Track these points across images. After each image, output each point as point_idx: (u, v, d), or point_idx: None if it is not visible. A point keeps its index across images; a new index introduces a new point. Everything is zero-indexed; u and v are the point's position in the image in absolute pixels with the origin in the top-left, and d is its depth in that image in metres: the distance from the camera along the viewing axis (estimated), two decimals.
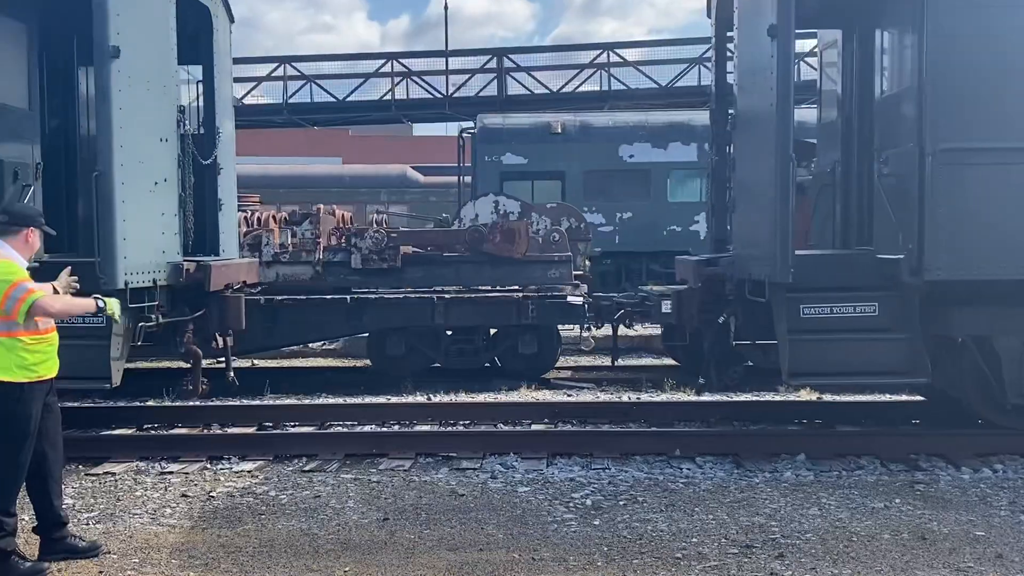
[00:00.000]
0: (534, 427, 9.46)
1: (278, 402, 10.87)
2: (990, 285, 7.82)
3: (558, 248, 13.42)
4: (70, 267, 6.18)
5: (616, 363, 11.13)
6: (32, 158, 8.77)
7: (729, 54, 10.38)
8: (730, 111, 10.03)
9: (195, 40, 9.57)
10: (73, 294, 6.22)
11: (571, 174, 20.32)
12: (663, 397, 10.94)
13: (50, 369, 5.77)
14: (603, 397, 11.19)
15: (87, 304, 5.77)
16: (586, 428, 9.27)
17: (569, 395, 11.38)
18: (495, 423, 9.65)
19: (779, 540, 6.15)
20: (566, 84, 25.44)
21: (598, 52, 25.55)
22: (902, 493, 7.21)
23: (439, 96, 25.99)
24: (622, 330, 12.01)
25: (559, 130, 20.51)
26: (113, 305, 5.72)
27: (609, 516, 6.68)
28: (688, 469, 7.92)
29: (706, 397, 10.37)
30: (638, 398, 10.90)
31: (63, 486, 6.06)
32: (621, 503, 6.98)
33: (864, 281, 8.16)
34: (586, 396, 11.32)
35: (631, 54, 26.17)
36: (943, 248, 7.64)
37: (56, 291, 6.06)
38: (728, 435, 8.60)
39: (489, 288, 13.12)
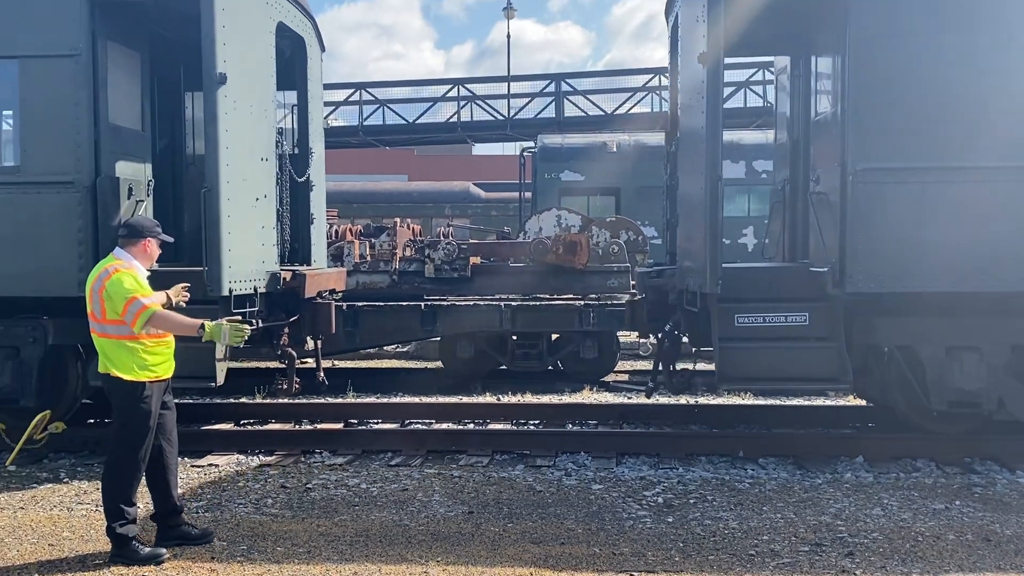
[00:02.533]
0: (601, 428, 9.34)
1: (361, 400, 10.87)
2: (911, 297, 7.71)
3: (617, 259, 13.28)
4: (187, 284, 6.19)
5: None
6: (144, 176, 8.84)
7: None
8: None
9: (290, 67, 9.62)
10: (186, 303, 6.27)
11: (626, 190, 20.14)
12: (721, 400, 10.75)
13: (167, 370, 5.80)
14: (662, 400, 11.01)
15: (191, 326, 5.68)
16: (651, 429, 9.12)
17: (629, 397, 11.23)
18: (564, 423, 9.55)
19: (847, 539, 5.96)
20: (620, 106, 25.26)
21: (649, 76, 25.32)
22: (961, 495, 6.97)
23: (501, 118, 25.99)
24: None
25: (614, 149, 20.34)
26: (213, 332, 5.65)
27: (681, 514, 6.54)
28: (752, 469, 7.75)
29: (763, 401, 10.16)
30: (696, 401, 10.72)
31: (178, 477, 6.06)
32: (691, 501, 6.84)
33: (796, 292, 8.07)
34: (646, 399, 11.13)
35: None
36: (863, 262, 7.54)
37: (168, 298, 6.10)
38: (788, 437, 8.40)
39: (552, 296, 13.04)
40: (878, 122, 7.51)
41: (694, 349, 9.10)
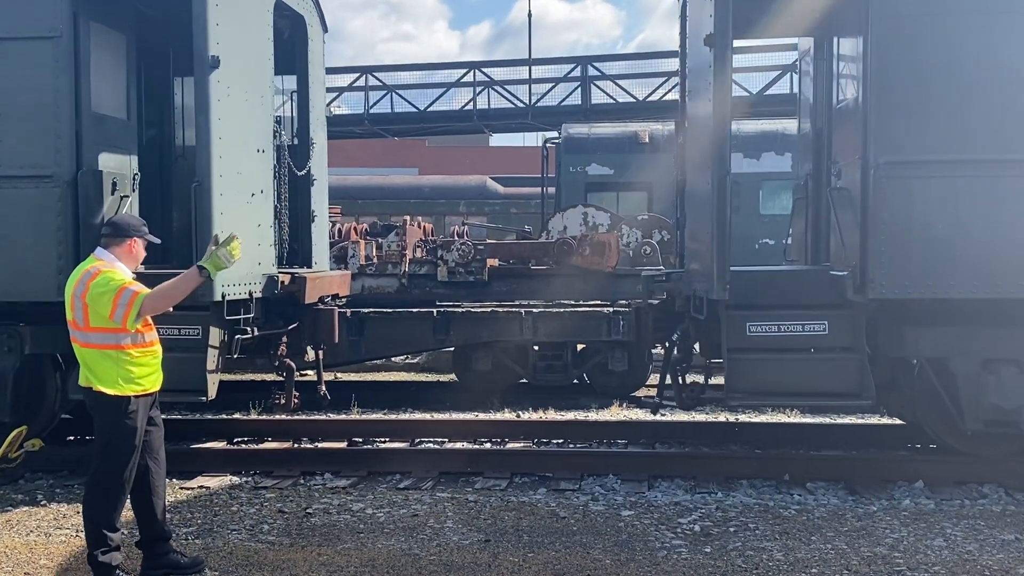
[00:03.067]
0: (631, 448, 9.34)
1: (367, 417, 10.91)
2: (942, 304, 7.65)
3: (649, 261, 13.28)
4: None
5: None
6: (130, 169, 8.94)
7: None
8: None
9: (290, 49, 9.69)
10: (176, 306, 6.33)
11: (659, 185, 20.06)
12: (764, 418, 10.71)
13: (155, 382, 5.85)
14: (699, 417, 11.00)
15: (191, 277, 5.68)
16: (687, 450, 9.11)
17: (663, 414, 11.20)
18: (590, 443, 9.55)
19: (905, 572, 5.93)
20: (652, 92, 25.22)
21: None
22: None
23: (521, 105, 26.00)
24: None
25: (646, 140, 20.33)
26: (215, 264, 5.61)
27: (720, 543, 6.53)
28: (799, 495, 7.73)
29: (810, 419, 10.12)
30: (736, 419, 10.69)
31: (166, 501, 6.11)
32: (731, 530, 6.83)
33: (815, 299, 8.04)
34: (681, 415, 11.13)
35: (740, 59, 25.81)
36: (886, 265, 7.48)
37: None
38: (839, 460, 8.36)
39: (578, 303, 13.03)
40: (905, 110, 7.47)
41: (707, 361, 9.09)
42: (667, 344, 9.21)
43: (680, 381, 8.98)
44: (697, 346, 9.14)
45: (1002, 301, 7.51)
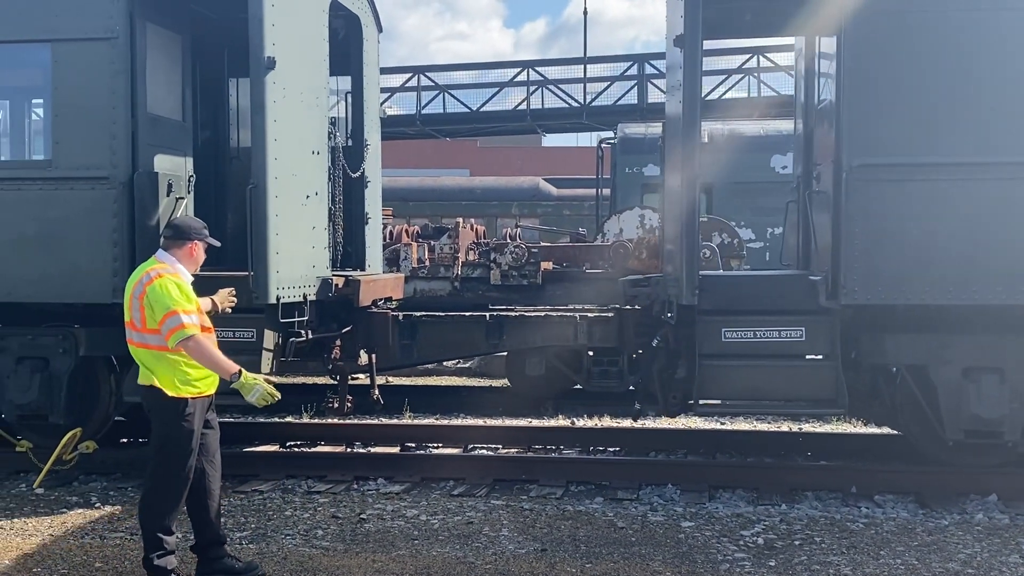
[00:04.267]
0: (690, 457, 9.28)
1: (419, 422, 10.98)
2: (921, 310, 7.61)
3: (709, 265, 13.14)
4: (233, 289, 6.35)
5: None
6: (185, 171, 9.08)
7: None
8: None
9: (344, 50, 9.78)
10: (231, 309, 6.44)
11: (719, 186, 19.92)
12: (828, 428, 10.58)
13: (211, 385, 5.93)
14: (760, 426, 10.89)
15: (226, 370, 5.74)
16: (749, 460, 9.03)
17: (723, 423, 11.13)
18: (647, 451, 9.51)
19: None
20: (712, 90, 25.01)
21: (747, 56, 25.01)
22: None
23: (576, 105, 25.96)
24: None
25: (706, 139, 20.15)
26: (245, 386, 5.69)
27: (785, 557, 6.46)
28: (867, 508, 7.63)
29: (877, 430, 9.97)
30: (800, 428, 10.57)
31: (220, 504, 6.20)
32: (796, 543, 6.75)
33: (793, 304, 8.01)
34: (742, 424, 11.05)
35: (782, 58, 25.57)
36: (859, 270, 7.48)
37: (214, 304, 6.27)
38: (909, 472, 8.23)
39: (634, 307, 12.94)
40: (879, 112, 7.46)
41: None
42: (647, 350, 9.16)
43: (664, 387, 8.93)
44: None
45: (986, 308, 7.48)
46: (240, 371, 5.72)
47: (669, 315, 8.31)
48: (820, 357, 7.85)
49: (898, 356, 7.88)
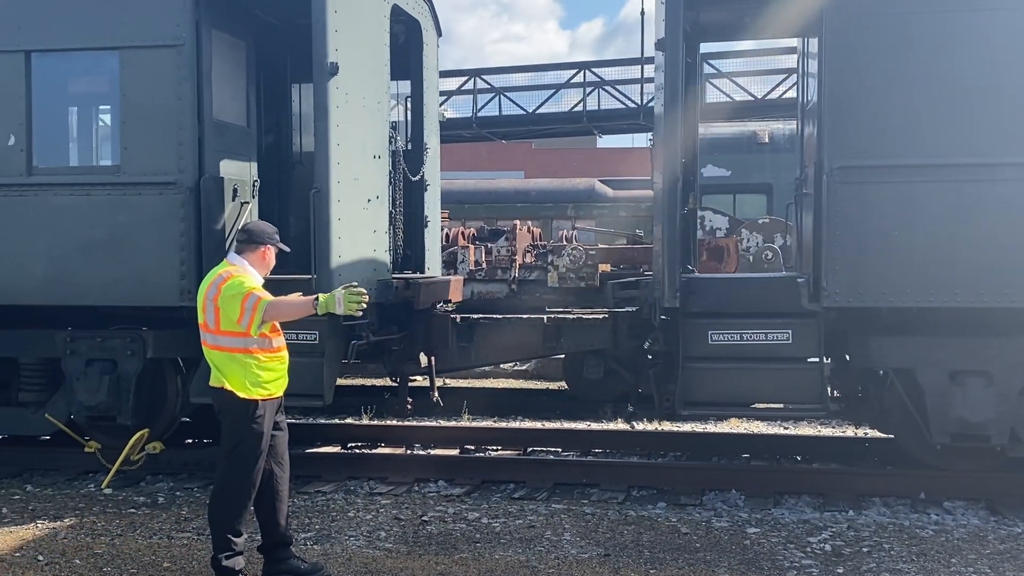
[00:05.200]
0: (754, 462, 9.21)
1: (478, 424, 11.03)
2: (907, 313, 7.68)
3: (771, 267, 13.08)
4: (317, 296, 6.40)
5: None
6: (250, 176, 9.22)
7: None
8: None
9: (404, 54, 9.87)
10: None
11: (779, 187, 19.74)
12: None
13: (280, 387, 6.04)
14: (824, 431, 10.78)
15: (306, 305, 5.85)
16: (814, 466, 8.94)
17: (787, 427, 11.03)
18: (710, 456, 9.46)
19: None
20: (772, 90, 24.78)
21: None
22: None
23: (632, 106, 25.88)
24: None
25: (766, 140, 20.02)
26: (328, 303, 5.75)
27: (853, 564, 6.40)
28: (936, 515, 7.52)
29: None
30: (865, 433, 10.44)
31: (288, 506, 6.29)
32: (864, 550, 6.68)
33: (780, 307, 7.99)
34: (805, 428, 10.94)
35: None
36: (840, 273, 7.53)
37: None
38: (980, 478, 8.09)
39: None
40: (860, 113, 7.46)
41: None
42: (640, 353, 9.22)
43: (659, 389, 8.91)
44: None
45: (965, 311, 7.45)
46: (317, 297, 5.83)
47: (663, 317, 8.38)
48: (806, 360, 7.88)
49: (884, 359, 7.89)
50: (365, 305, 5.89)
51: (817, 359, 7.82)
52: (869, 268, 7.49)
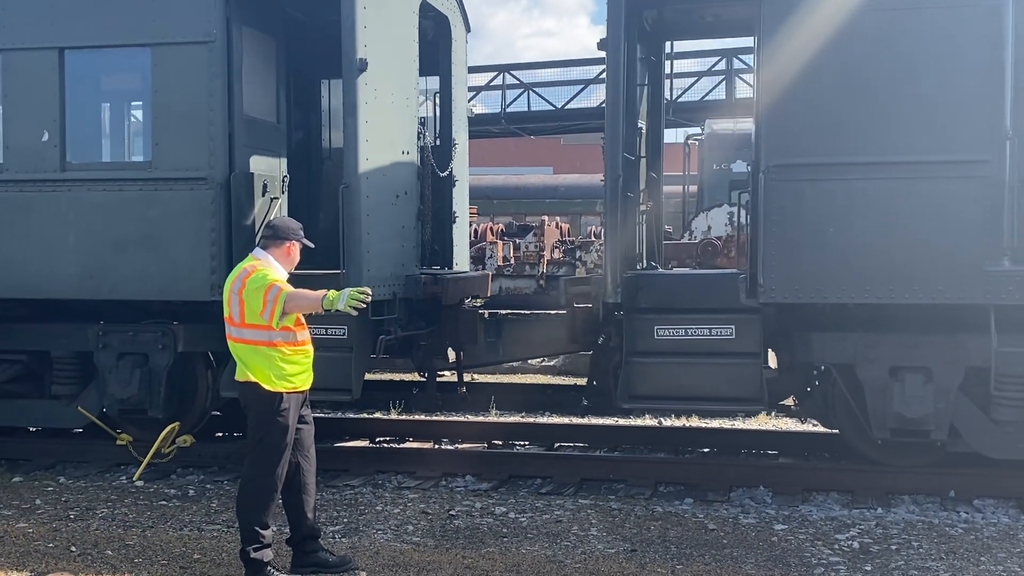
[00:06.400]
0: (782, 459, 9.17)
1: (505, 419, 11.05)
2: (845, 309, 7.75)
3: None
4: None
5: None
6: (279, 171, 9.30)
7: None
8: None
9: (433, 50, 9.90)
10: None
11: None
12: None
13: (306, 381, 6.08)
14: None
15: (314, 301, 5.86)
16: (842, 463, 8.89)
17: (815, 424, 10.96)
18: (737, 452, 9.43)
19: None
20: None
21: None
22: None
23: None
24: None
25: None
26: (332, 301, 5.78)
27: (882, 561, 6.36)
28: (966, 513, 7.46)
29: None
30: None
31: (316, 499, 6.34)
32: (893, 547, 6.65)
33: (726, 303, 8.09)
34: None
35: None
36: (776, 269, 7.60)
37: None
38: (1011, 477, 8.01)
39: None
40: (794, 112, 7.50)
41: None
42: (595, 348, 9.27)
43: (614, 383, 8.91)
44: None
45: (903, 307, 7.49)
46: (325, 294, 5.86)
47: (617, 313, 8.46)
48: (748, 355, 7.95)
49: (825, 355, 7.95)
50: (364, 305, 5.91)
51: (755, 355, 7.93)
52: (805, 265, 7.58)
